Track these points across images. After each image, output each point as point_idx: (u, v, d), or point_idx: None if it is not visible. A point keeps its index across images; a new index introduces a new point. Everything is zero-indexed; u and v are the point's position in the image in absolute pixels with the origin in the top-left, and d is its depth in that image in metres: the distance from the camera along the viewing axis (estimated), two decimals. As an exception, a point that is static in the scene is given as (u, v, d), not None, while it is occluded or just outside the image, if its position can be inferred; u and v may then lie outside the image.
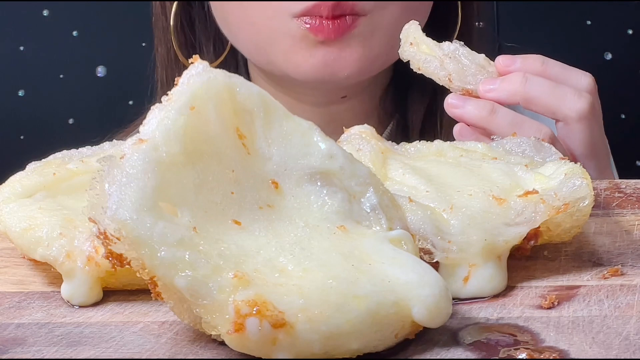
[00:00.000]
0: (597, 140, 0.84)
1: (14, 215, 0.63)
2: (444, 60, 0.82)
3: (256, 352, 0.51)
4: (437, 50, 0.83)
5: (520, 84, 0.82)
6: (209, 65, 0.56)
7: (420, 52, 0.83)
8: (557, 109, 0.82)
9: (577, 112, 0.82)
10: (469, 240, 0.59)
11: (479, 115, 0.81)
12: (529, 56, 0.85)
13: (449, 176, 0.65)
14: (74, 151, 0.72)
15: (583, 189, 0.62)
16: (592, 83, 0.85)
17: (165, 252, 0.51)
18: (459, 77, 0.83)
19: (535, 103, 0.82)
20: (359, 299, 0.52)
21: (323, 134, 0.58)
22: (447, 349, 0.53)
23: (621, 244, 0.65)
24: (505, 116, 0.81)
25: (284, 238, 0.55)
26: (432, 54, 0.83)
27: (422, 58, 0.83)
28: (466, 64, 0.83)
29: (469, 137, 0.81)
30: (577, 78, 0.84)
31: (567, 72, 0.84)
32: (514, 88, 0.82)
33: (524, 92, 0.82)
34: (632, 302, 0.57)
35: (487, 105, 0.81)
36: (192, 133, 0.55)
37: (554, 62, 0.84)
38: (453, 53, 0.83)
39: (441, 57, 0.83)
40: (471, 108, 0.82)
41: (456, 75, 0.82)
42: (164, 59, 1.12)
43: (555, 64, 0.84)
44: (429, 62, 0.83)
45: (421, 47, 0.84)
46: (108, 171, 0.53)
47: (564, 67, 0.85)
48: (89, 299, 0.60)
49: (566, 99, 0.82)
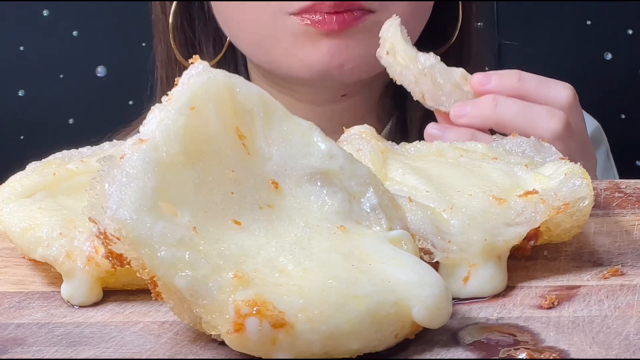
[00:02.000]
0: (577, 155, 0.81)
1: (14, 215, 0.63)
2: (419, 78, 0.82)
3: (256, 352, 0.51)
4: (412, 67, 0.82)
5: (490, 109, 0.81)
6: (209, 64, 0.56)
7: (396, 63, 0.83)
8: (531, 130, 0.80)
9: (551, 133, 0.81)
10: (469, 240, 0.59)
11: None
12: (505, 73, 0.83)
13: (449, 176, 0.65)
14: (74, 151, 0.72)
15: (583, 189, 0.62)
16: (571, 95, 0.84)
17: (165, 252, 0.51)
18: (433, 97, 0.82)
19: (508, 127, 0.81)
20: (359, 299, 0.52)
21: (323, 134, 0.58)
22: (447, 349, 0.53)
23: (621, 244, 0.65)
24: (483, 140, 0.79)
25: (284, 238, 0.55)
26: (407, 67, 0.82)
27: (397, 70, 0.83)
28: (441, 83, 0.82)
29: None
30: (555, 92, 0.83)
31: (543, 87, 0.83)
32: (484, 114, 0.81)
33: (495, 117, 0.81)
34: (632, 302, 0.57)
35: (466, 134, 0.81)
36: (192, 133, 0.55)
37: (531, 77, 0.83)
38: (429, 70, 0.82)
39: (416, 74, 0.82)
40: (451, 137, 0.81)
41: (429, 95, 0.82)
42: (163, 58, 1.12)
43: (532, 79, 0.83)
44: (404, 76, 0.83)
45: (397, 58, 0.83)
46: (108, 171, 0.53)
47: (540, 81, 0.83)
48: (89, 299, 0.60)
49: (539, 120, 0.81)
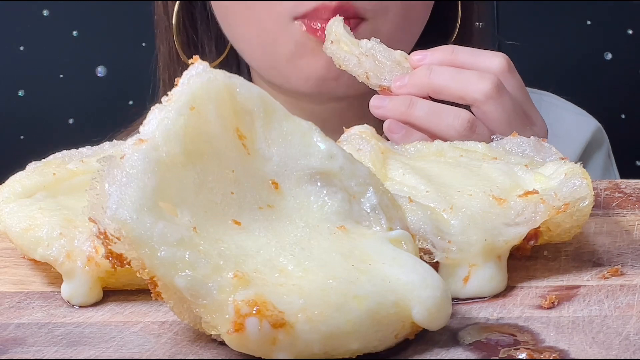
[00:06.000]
0: (512, 115, 0.86)
1: (14, 215, 0.63)
2: (361, 59, 0.87)
3: (256, 352, 0.51)
4: (354, 49, 0.88)
5: (426, 77, 0.86)
6: (212, 64, 0.56)
7: (340, 50, 0.88)
8: (464, 94, 0.85)
9: (482, 94, 0.85)
10: (469, 240, 0.59)
11: (399, 110, 0.85)
12: (439, 48, 0.88)
13: (449, 176, 0.65)
14: (74, 151, 0.72)
15: (583, 189, 0.62)
16: (503, 62, 0.87)
17: (165, 251, 0.51)
18: (375, 74, 0.87)
19: (442, 92, 0.86)
20: (359, 299, 0.52)
21: (323, 135, 0.58)
22: (447, 349, 0.53)
23: (621, 244, 0.65)
24: (423, 107, 0.85)
25: (284, 238, 0.55)
26: (350, 52, 0.88)
27: (341, 56, 0.88)
28: (382, 61, 0.87)
29: (399, 131, 0.85)
30: (487, 60, 0.87)
31: (475, 57, 0.87)
32: (421, 82, 0.86)
33: (430, 83, 0.86)
34: (632, 302, 0.57)
35: (405, 101, 0.86)
36: (192, 133, 0.55)
37: (464, 49, 0.88)
38: (370, 51, 0.87)
39: (358, 55, 0.87)
40: (391, 105, 0.86)
41: (372, 73, 0.87)
42: (166, 58, 1.12)
43: (465, 51, 0.88)
44: (348, 60, 0.88)
45: (341, 45, 0.89)
46: (108, 171, 0.53)
47: (473, 52, 0.88)
48: (89, 299, 0.60)
49: (470, 82, 0.85)
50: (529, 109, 0.89)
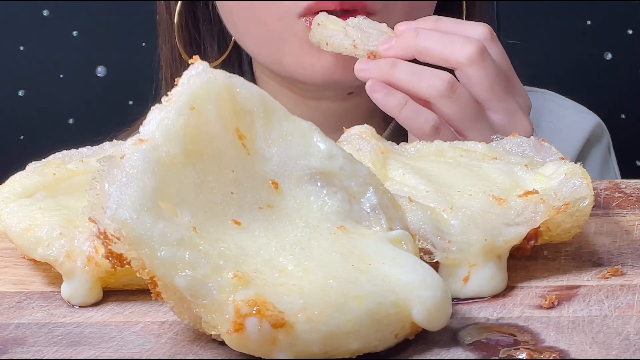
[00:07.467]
0: (495, 80, 0.87)
1: (14, 215, 0.63)
2: (348, 30, 0.90)
3: (256, 352, 0.51)
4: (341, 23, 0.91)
5: (412, 38, 0.88)
6: (214, 63, 0.56)
7: (326, 29, 0.91)
8: (448, 56, 0.87)
9: (466, 57, 0.87)
10: (469, 240, 0.59)
11: (382, 71, 0.88)
12: (424, 18, 0.91)
13: (449, 176, 0.65)
14: (74, 151, 0.72)
15: (583, 189, 0.62)
16: (486, 31, 0.89)
17: (165, 251, 0.51)
18: (363, 41, 0.90)
19: (428, 54, 0.88)
20: (359, 299, 0.52)
21: (323, 135, 0.58)
22: (447, 349, 0.53)
23: (621, 244, 0.65)
24: (405, 68, 0.87)
25: (284, 238, 0.55)
26: (337, 29, 0.91)
27: (328, 34, 0.91)
28: (369, 31, 0.91)
29: (380, 90, 0.87)
30: (470, 29, 0.89)
31: (459, 25, 0.90)
32: (407, 44, 0.88)
33: (415, 46, 0.88)
34: (632, 302, 0.57)
35: (387, 62, 0.88)
36: (192, 133, 0.55)
37: (448, 19, 0.91)
38: (357, 24, 0.91)
39: (345, 27, 0.90)
40: (374, 67, 0.88)
41: (360, 40, 0.90)
42: (168, 58, 1.12)
43: (448, 20, 0.90)
44: (335, 35, 0.91)
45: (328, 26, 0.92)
46: (108, 171, 0.53)
47: (457, 21, 0.90)
48: (89, 299, 0.60)
49: (455, 45, 0.87)
50: (513, 78, 0.91)
